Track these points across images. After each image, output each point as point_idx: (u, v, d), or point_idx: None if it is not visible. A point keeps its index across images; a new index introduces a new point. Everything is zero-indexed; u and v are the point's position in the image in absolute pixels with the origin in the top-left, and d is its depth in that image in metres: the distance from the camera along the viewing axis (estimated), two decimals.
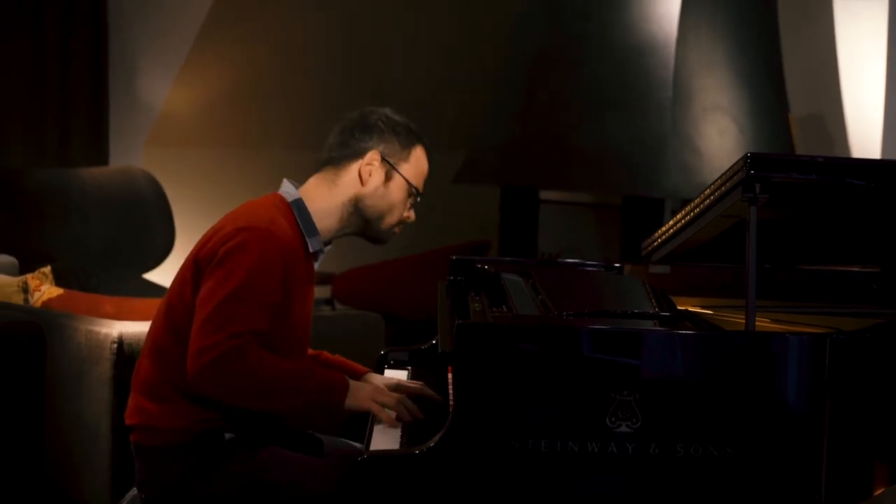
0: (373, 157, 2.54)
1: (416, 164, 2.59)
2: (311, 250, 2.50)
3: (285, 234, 2.43)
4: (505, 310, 2.57)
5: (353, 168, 2.54)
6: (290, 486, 2.38)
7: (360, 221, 2.57)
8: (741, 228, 2.34)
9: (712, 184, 2.42)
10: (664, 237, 2.78)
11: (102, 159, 6.25)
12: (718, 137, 5.83)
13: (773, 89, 6.06)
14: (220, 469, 2.41)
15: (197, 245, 2.46)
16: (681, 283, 2.98)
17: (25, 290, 3.73)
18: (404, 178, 2.56)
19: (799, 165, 2.35)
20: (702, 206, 2.49)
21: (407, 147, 2.58)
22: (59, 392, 3.42)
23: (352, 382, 2.42)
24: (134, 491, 2.52)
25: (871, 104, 6.05)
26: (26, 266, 4.25)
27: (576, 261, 3.34)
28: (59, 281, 4.00)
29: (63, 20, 6.10)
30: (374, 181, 2.54)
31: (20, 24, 5.99)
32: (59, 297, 3.70)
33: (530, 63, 6.42)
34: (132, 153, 6.51)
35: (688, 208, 2.58)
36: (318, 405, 2.38)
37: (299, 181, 2.58)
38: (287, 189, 2.54)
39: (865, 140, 6.11)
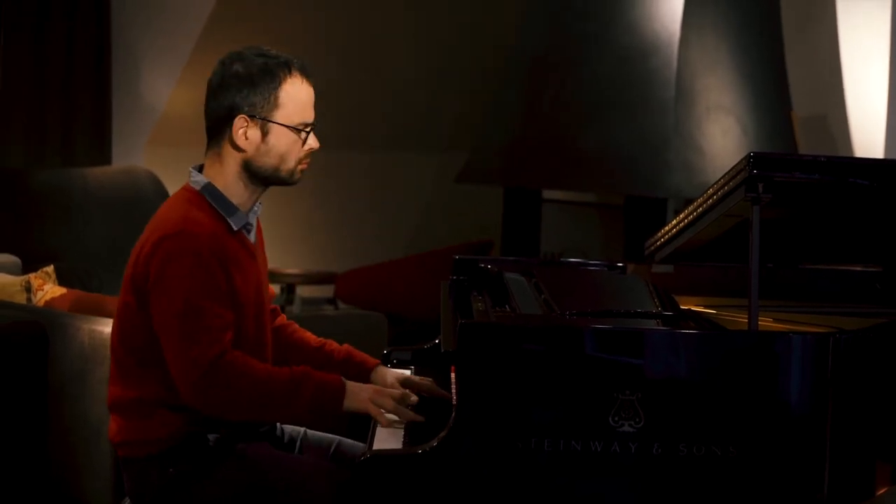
0: (239, 122, 2.39)
1: (290, 103, 2.41)
2: (234, 228, 2.43)
3: (202, 226, 2.36)
4: (508, 309, 2.57)
5: (228, 137, 2.42)
6: (288, 489, 2.37)
7: (261, 180, 2.44)
8: (744, 228, 2.34)
9: (715, 183, 2.42)
10: (667, 237, 2.78)
11: (105, 159, 6.25)
12: (721, 137, 5.83)
13: (776, 89, 6.06)
14: (211, 473, 2.39)
15: (129, 265, 2.41)
16: (684, 282, 2.98)
17: (28, 289, 3.73)
18: (282, 124, 2.41)
19: (802, 165, 2.35)
20: (705, 205, 2.49)
21: (271, 91, 2.39)
22: (62, 392, 3.42)
23: (349, 383, 2.39)
24: (127, 501, 2.51)
25: (874, 103, 6.05)
26: (29, 266, 4.25)
27: (579, 260, 3.34)
28: (61, 280, 4.00)
29: (66, 21, 6.10)
30: (253, 142, 2.40)
31: (23, 24, 6.00)
32: (61, 296, 3.70)
33: (532, 63, 6.42)
34: (135, 153, 6.51)
35: (691, 208, 2.58)
36: (317, 409, 2.36)
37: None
38: (195, 178, 2.45)
39: (868, 139, 6.11)
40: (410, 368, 2.82)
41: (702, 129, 5.80)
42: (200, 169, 2.48)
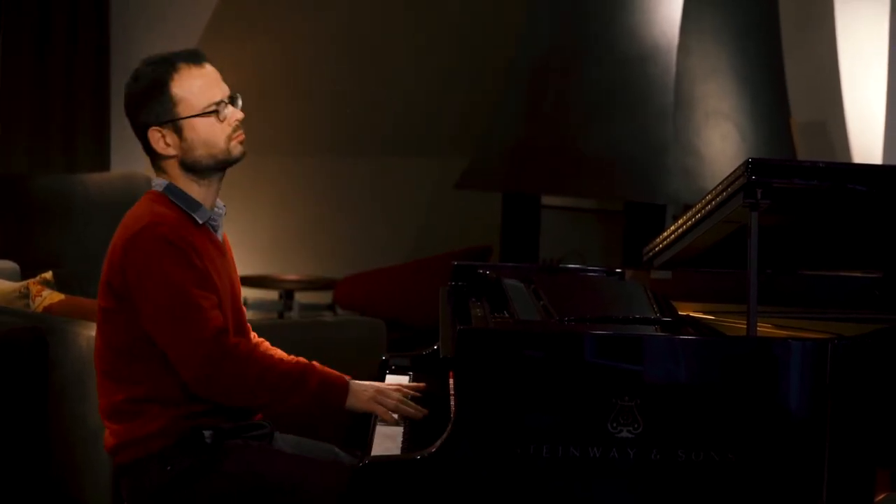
0: (153, 135, 2.44)
1: (186, 95, 2.42)
2: (200, 221, 2.46)
3: (166, 217, 2.40)
4: (506, 315, 2.57)
5: (152, 149, 2.46)
6: (288, 485, 2.37)
7: (205, 171, 2.47)
8: (742, 234, 2.34)
9: (713, 189, 2.42)
10: (666, 242, 2.78)
11: (105, 165, 6.25)
12: (720, 143, 5.83)
13: (775, 95, 6.06)
14: (208, 470, 2.39)
15: (104, 271, 2.44)
16: (682, 288, 2.98)
17: (27, 295, 3.73)
18: (191, 119, 2.43)
19: (800, 171, 2.35)
20: (703, 211, 2.49)
21: (164, 94, 2.41)
22: (62, 397, 3.42)
23: (353, 382, 2.42)
24: None
25: (872, 110, 6.05)
26: (28, 271, 4.25)
27: (577, 266, 3.34)
28: (60, 286, 4.00)
29: (67, 27, 6.11)
30: (175, 144, 2.44)
31: (24, 32, 6.00)
32: (60, 302, 3.70)
33: (532, 69, 6.43)
34: (134, 159, 6.51)
35: (689, 214, 2.58)
36: (319, 404, 2.39)
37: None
38: (157, 181, 2.50)
39: (867, 145, 6.11)
40: (409, 374, 2.82)
41: (701, 134, 5.80)
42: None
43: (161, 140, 2.44)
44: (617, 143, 5.90)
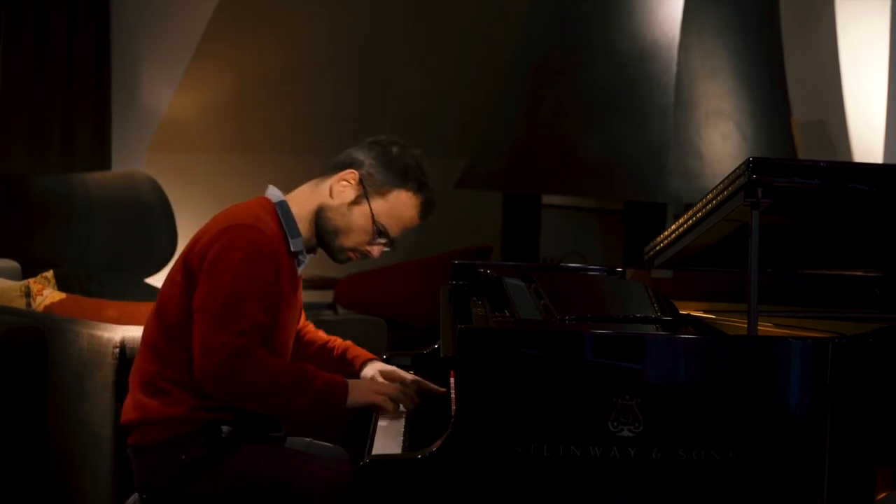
0: (349, 174, 2.52)
1: (392, 205, 2.52)
2: (292, 249, 2.51)
3: (271, 230, 2.46)
4: (507, 314, 2.57)
5: (333, 180, 2.54)
6: (298, 481, 2.39)
7: (318, 232, 2.55)
8: (743, 233, 2.34)
9: (714, 188, 2.42)
10: (666, 242, 2.78)
11: (105, 164, 6.25)
12: (721, 142, 5.83)
13: (776, 94, 6.06)
14: (221, 463, 2.42)
15: (186, 248, 2.49)
16: (683, 287, 2.98)
17: (28, 294, 3.74)
18: (370, 209, 2.51)
19: (801, 170, 2.35)
20: (704, 210, 2.49)
21: (390, 184, 2.52)
22: (62, 396, 3.42)
23: (350, 381, 2.47)
24: (134, 496, 2.53)
25: (873, 109, 6.05)
26: (29, 271, 4.25)
27: (578, 265, 3.34)
28: (61, 285, 4.01)
29: (66, 27, 6.11)
30: (342, 198, 2.52)
31: (24, 31, 6.00)
32: (61, 301, 3.70)
33: (532, 68, 6.43)
34: (135, 158, 6.51)
35: (690, 213, 2.58)
36: (324, 404, 2.43)
37: (302, 183, 2.60)
38: (272, 192, 2.56)
39: (868, 145, 6.11)
40: (410, 374, 2.82)
41: (701, 134, 5.80)
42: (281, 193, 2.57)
43: (345, 184, 2.51)
44: (617, 143, 5.90)
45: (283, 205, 2.52)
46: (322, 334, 2.79)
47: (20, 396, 3.47)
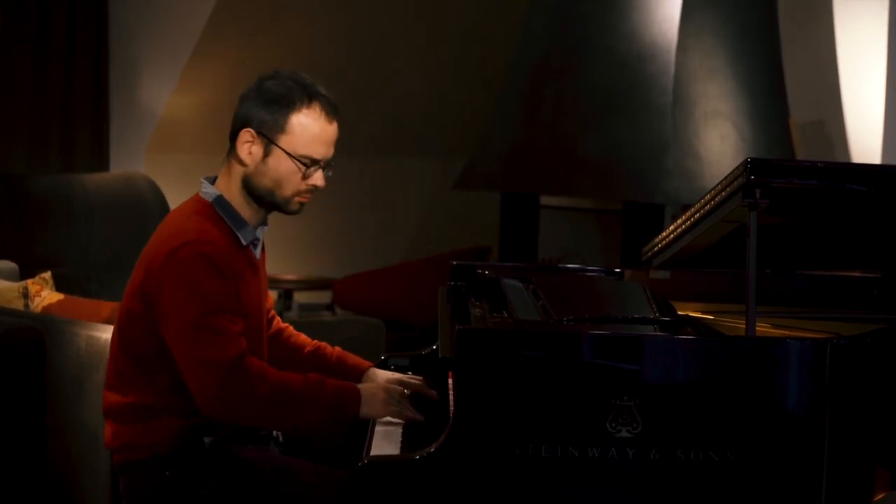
0: (246, 133, 2.39)
1: (298, 133, 2.38)
2: (244, 243, 2.43)
3: (213, 237, 2.37)
4: (505, 315, 2.57)
5: (237, 149, 2.42)
6: (285, 492, 2.37)
7: (257, 200, 2.44)
8: (741, 234, 2.34)
9: (712, 189, 2.42)
10: (665, 242, 2.78)
11: (104, 164, 6.25)
12: (719, 143, 5.84)
13: (774, 95, 6.06)
14: (207, 476, 2.39)
15: (139, 274, 2.40)
16: (681, 288, 2.98)
17: (26, 295, 3.73)
18: (284, 150, 2.38)
19: (799, 171, 2.35)
20: (702, 211, 2.49)
21: (282, 116, 2.38)
22: (60, 397, 3.42)
23: (362, 390, 2.41)
24: None
25: (871, 110, 6.05)
26: (27, 271, 4.25)
27: (576, 266, 3.34)
28: (59, 286, 4.00)
29: (65, 28, 6.10)
30: (254, 158, 2.40)
31: (23, 32, 6.00)
32: (59, 302, 3.70)
33: (531, 69, 6.43)
34: (133, 159, 6.51)
35: (688, 213, 2.58)
36: (333, 416, 2.37)
37: None
38: (206, 189, 2.45)
39: (866, 145, 6.11)
40: (408, 375, 2.82)
41: (699, 135, 5.80)
42: (212, 181, 2.48)
43: (247, 145, 2.40)
44: (616, 143, 5.90)
45: (219, 200, 2.42)
46: (304, 337, 2.71)
47: (18, 397, 3.47)
